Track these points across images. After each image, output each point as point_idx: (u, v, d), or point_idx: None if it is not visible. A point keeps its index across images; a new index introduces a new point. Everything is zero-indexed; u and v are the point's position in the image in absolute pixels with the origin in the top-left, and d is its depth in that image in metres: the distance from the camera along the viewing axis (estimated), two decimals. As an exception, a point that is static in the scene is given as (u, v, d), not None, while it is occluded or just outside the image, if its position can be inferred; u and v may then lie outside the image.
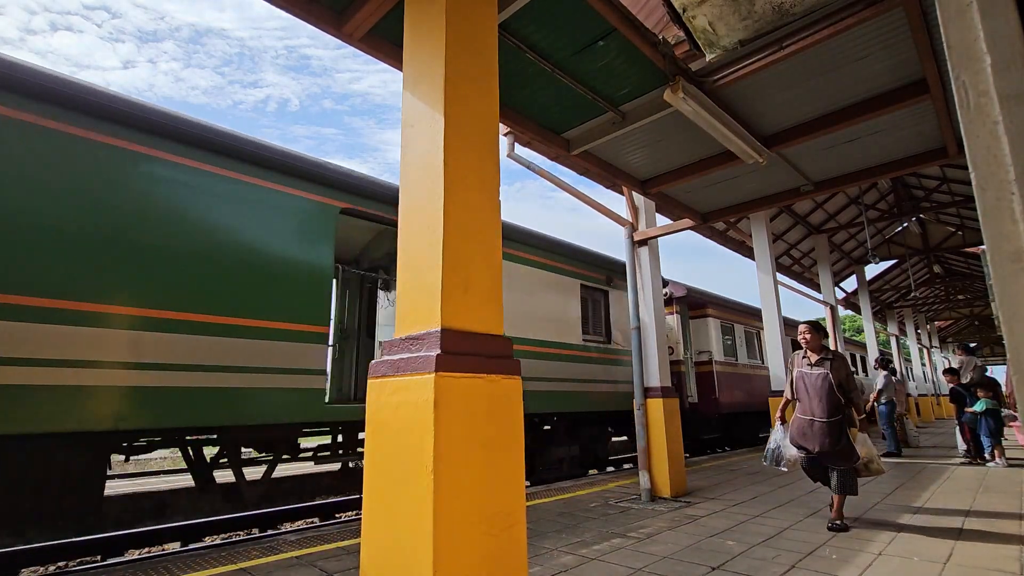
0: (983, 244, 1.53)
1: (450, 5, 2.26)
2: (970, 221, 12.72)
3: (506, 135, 5.15)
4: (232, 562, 3.46)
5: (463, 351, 1.96)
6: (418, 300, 2.08)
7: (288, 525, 6.71)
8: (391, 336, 2.82)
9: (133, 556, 5.63)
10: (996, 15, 1.11)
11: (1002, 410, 7.43)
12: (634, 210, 6.36)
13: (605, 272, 8.75)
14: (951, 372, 8.58)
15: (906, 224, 13.09)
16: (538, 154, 5.37)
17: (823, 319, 13.03)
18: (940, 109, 4.27)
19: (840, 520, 4.05)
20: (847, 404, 4.08)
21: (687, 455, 11.42)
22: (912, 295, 17.43)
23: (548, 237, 7.78)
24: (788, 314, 12.01)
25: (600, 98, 4.14)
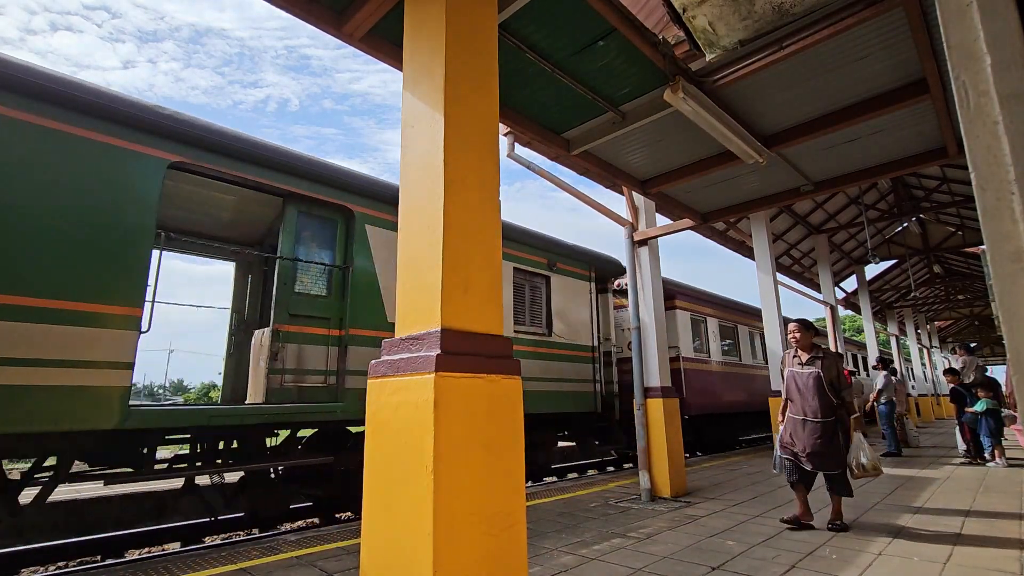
0: (983, 244, 1.53)
1: (450, 5, 2.25)
2: (970, 221, 12.72)
3: (506, 135, 5.14)
4: (232, 562, 3.46)
5: (463, 351, 1.97)
6: (418, 300, 2.09)
7: (288, 525, 6.71)
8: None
9: (133, 556, 5.64)
10: (996, 15, 1.11)
11: (1002, 410, 7.43)
12: (634, 210, 6.36)
13: (547, 255, 7.68)
14: (952, 372, 8.59)
15: (906, 224, 13.09)
16: (538, 154, 5.36)
17: (823, 319, 13.03)
18: (940, 109, 4.27)
19: (840, 520, 4.05)
20: (840, 405, 4.01)
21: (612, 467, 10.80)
22: (912, 295, 17.45)
23: None
24: (788, 314, 11.90)
25: (600, 98, 4.14)
